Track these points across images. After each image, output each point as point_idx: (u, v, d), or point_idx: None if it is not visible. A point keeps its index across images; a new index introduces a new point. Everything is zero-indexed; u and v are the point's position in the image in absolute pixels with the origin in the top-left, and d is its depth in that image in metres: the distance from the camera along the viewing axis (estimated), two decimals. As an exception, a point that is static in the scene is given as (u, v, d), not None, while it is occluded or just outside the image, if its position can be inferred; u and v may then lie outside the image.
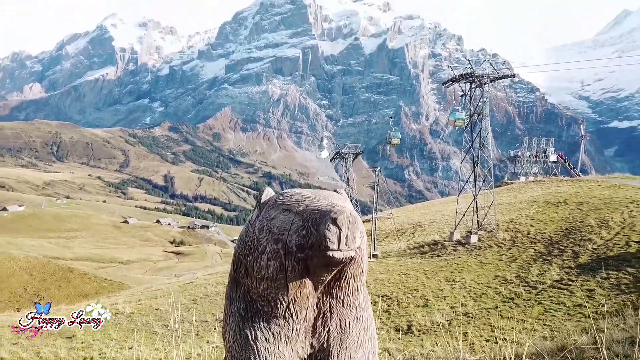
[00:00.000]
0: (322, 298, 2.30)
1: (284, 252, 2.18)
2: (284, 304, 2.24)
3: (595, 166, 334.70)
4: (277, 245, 2.19)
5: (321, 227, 2.07)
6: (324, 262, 2.12)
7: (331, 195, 2.39)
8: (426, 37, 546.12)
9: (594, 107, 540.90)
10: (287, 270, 2.19)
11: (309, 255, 2.13)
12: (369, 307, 2.46)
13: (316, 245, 2.08)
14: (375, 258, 31.43)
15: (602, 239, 23.69)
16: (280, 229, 2.22)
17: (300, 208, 2.24)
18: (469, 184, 36.03)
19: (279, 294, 2.22)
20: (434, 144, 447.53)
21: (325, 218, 2.08)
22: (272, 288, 2.22)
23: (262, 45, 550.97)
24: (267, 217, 2.31)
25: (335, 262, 2.10)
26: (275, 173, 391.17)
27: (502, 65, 45.22)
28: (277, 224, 2.24)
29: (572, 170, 63.72)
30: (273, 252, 2.20)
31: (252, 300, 2.33)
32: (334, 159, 70.81)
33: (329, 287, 2.28)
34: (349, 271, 2.26)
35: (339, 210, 2.09)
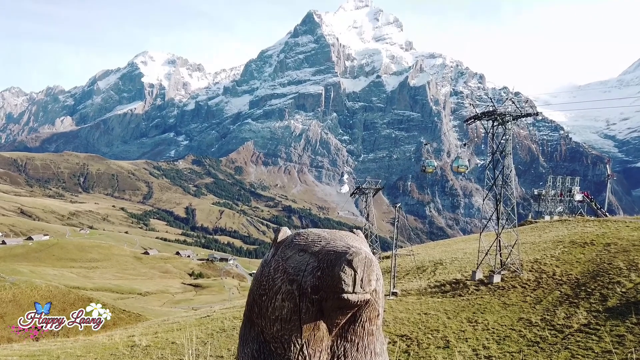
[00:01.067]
0: (337, 341, 2.25)
1: (298, 293, 2.15)
2: (298, 347, 2.21)
3: (622, 206, 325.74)
4: (292, 286, 2.17)
5: (336, 269, 2.05)
6: (339, 305, 2.08)
7: (347, 236, 2.35)
8: (448, 75, 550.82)
9: (620, 146, 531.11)
10: (301, 312, 2.16)
11: (323, 297, 2.11)
12: (384, 352, 2.41)
13: (331, 287, 2.06)
14: (395, 296, 30.80)
15: (632, 282, 22.81)
16: (295, 269, 2.21)
17: (316, 249, 2.22)
18: (491, 222, 35.42)
19: (292, 336, 2.19)
20: (456, 181, 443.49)
21: (340, 260, 2.05)
22: (286, 330, 2.19)
23: (286, 82, 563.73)
24: (282, 257, 2.31)
25: (350, 304, 2.07)
26: (295, 207, 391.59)
27: (524, 103, 45.04)
28: (292, 264, 2.23)
29: (599, 210, 62.15)
30: (287, 293, 2.18)
31: (265, 341, 2.29)
32: (354, 194, 70.83)
33: (343, 330, 2.24)
34: (364, 314, 2.22)
35: (355, 252, 2.06)
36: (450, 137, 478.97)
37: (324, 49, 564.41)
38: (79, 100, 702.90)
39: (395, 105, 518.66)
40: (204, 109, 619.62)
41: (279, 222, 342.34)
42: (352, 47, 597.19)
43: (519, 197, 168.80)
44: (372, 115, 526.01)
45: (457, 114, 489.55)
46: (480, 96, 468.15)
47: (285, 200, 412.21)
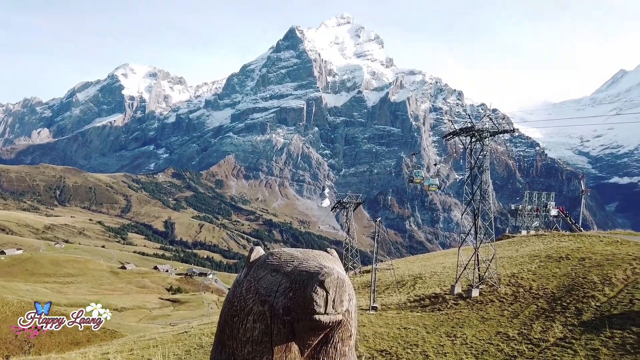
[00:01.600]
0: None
1: (270, 314, 2.11)
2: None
3: (596, 221, 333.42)
4: (264, 307, 2.13)
5: (308, 290, 2.02)
6: (311, 326, 2.06)
7: (321, 256, 2.32)
8: (427, 92, 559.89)
9: (593, 162, 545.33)
10: (272, 334, 2.12)
11: (295, 318, 2.07)
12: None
13: (303, 308, 2.03)
14: (375, 310, 30.79)
15: (606, 297, 23.29)
16: (267, 290, 2.16)
17: (289, 269, 2.19)
18: (470, 237, 35.86)
19: (263, 358, 2.15)
20: (435, 196, 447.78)
21: (312, 280, 2.03)
22: (257, 352, 2.15)
23: (268, 96, 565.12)
24: (255, 277, 2.27)
25: (322, 326, 2.05)
26: (276, 221, 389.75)
27: (501, 120, 46.09)
28: (264, 285, 2.19)
29: (574, 225, 63.47)
30: (259, 314, 2.13)
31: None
32: (335, 208, 70.98)
33: (315, 351, 2.21)
34: (337, 335, 2.19)
35: (327, 272, 2.05)
36: (429, 152, 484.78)
37: (306, 64, 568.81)
38: (56, 112, 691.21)
39: (376, 121, 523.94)
40: (185, 122, 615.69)
41: (260, 236, 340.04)
42: (334, 62, 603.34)
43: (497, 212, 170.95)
44: (353, 130, 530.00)
45: (436, 130, 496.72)
46: (459, 112, 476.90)
47: (266, 214, 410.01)
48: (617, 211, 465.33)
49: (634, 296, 22.24)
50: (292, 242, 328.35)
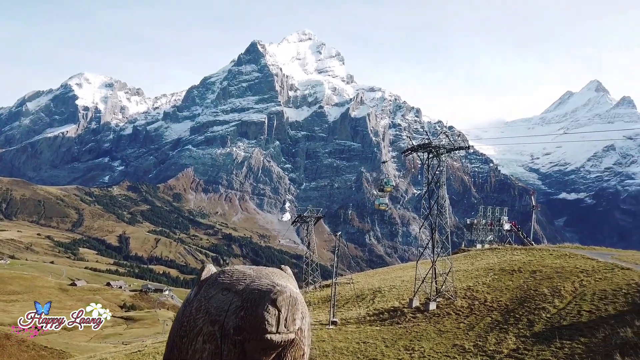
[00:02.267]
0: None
1: (220, 334, 2.06)
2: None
3: (546, 235, 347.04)
4: (214, 327, 2.07)
5: (259, 309, 1.97)
6: (262, 346, 2.00)
7: (274, 273, 2.26)
8: (387, 109, 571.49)
9: (543, 179, 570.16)
10: (222, 354, 2.07)
11: (246, 338, 2.02)
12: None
13: (254, 328, 1.97)
14: (335, 325, 30.71)
15: (556, 308, 24.19)
16: (218, 309, 2.11)
17: (240, 287, 2.12)
18: (427, 250, 36.54)
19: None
20: (394, 210, 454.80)
21: (264, 299, 1.97)
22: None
23: (229, 109, 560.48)
24: (205, 297, 2.21)
25: (273, 345, 1.99)
26: (236, 235, 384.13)
27: (457, 137, 47.63)
28: (215, 304, 2.13)
29: (525, 239, 65.86)
30: (209, 335, 2.08)
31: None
32: (296, 222, 70.76)
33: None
34: (289, 354, 2.13)
35: (279, 290, 1.99)
36: (388, 168, 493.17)
37: (268, 79, 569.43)
38: (4, 122, 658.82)
39: (337, 135, 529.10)
40: (142, 134, 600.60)
41: (219, 250, 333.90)
42: (296, 77, 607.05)
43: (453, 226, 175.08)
44: (315, 144, 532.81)
45: (395, 145, 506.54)
46: (417, 129, 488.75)
47: (225, 229, 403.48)
48: (565, 225, 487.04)
49: (581, 307, 23.20)
50: (252, 256, 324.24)
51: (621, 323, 19.71)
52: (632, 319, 19.76)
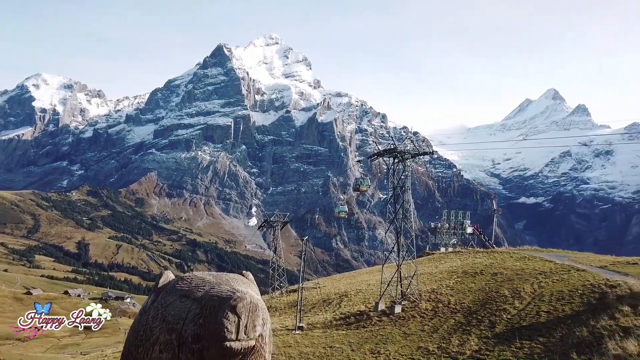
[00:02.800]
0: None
1: (177, 343, 1.99)
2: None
3: (507, 238, 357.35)
4: (171, 336, 2.00)
5: (219, 315, 1.92)
6: (222, 354, 1.95)
7: (234, 279, 2.20)
8: (353, 114, 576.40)
9: (504, 184, 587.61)
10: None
11: (205, 346, 1.95)
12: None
13: (213, 335, 1.92)
14: (301, 330, 30.58)
15: (516, 309, 24.88)
16: (175, 317, 2.04)
17: (199, 294, 2.06)
18: (393, 254, 36.94)
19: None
20: (361, 214, 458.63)
21: (223, 305, 1.93)
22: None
23: (194, 113, 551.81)
24: (162, 304, 2.13)
25: (233, 352, 1.95)
26: (201, 241, 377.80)
27: (422, 142, 48.48)
28: (172, 312, 2.06)
29: (487, 242, 67.56)
30: (166, 344, 2.01)
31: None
32: (262, 227, 70.19)
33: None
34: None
35: (239, 296, 1.95)
36: (355, 172, 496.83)
37: (234, 82, 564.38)
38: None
39: (304, 140, 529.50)
40: (103, 137, 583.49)
41: (183, 256, 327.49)
42: (262, 81, 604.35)
43: (418, 230, 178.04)
44: (281, 149, 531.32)
45: (362, 150, 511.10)
46: (382, 134, 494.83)
47: (190, 234, 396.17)
48: (525, 229, 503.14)
49: (540, 308, 23.95)
50: (218, 262, 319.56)
51: (577, 323, 20.45)
52: (587, 319, 20.53)
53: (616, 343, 16.57)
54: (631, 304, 21.16)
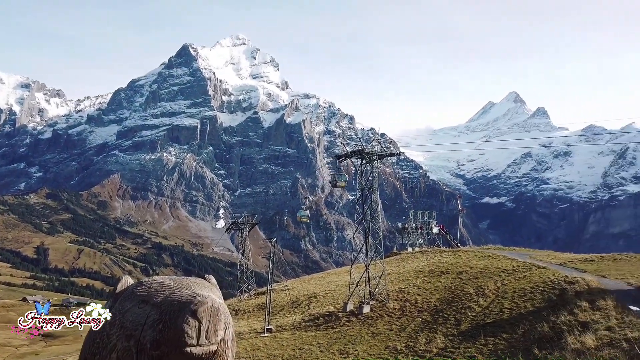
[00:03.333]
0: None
1: (136, 349, 1.95)
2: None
3: (472, 238, 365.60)
4: (129, 342, 1.96)
5: (179, 321, 1.89)
6: (182, 359, 1.91)
7: (195, 283, 2.15)
8: (321, 115, 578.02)
9: (468, 184, 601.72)
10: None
11: (165, 352, 1.92)
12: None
13: (173, 341, 1.89)
14: (270, 332, 30.41)
15: (480, 307, 25.47)
16: (134, 323, 2.00)
17: (159, 299, 2.02)
18: (361, 254, 37.21)
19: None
20: (329, 215, 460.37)
21: (184, 310, 1.90)
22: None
23: (159, 113, 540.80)
24: (120, 310, 2.10)
25: (193, 358, 1.91)
26: (167, 244, 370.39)
27: (389, 144, 49.09)
28: (130, 318, 2.03)
29: (452, 241, 68.98)
30: (124, 351, 1.96)
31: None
32: (230, 229, 69.45)
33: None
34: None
35: (200, 301, 1.92)
36: (324, 174, 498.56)
37: (200, 83, 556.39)
38: None
39: (272, 141, 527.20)
40: (63, 138, 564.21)
41: (148, 260, 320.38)
42: (229, 82, 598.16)
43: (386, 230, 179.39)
44: (249, 150, 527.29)
45: (330, 152, 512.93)
46: (350, 136, 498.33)
47: (155, 237, 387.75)
48: (488, 228, 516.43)
49: (503, 305, 24.59)
50: (184, 265, 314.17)
51: (538, 318, 21.11)
52: (548, 315, 21.22)
53: (575, 337, 17.20)
54: (589, 299, 22.01)
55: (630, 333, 16.20)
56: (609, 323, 18.36)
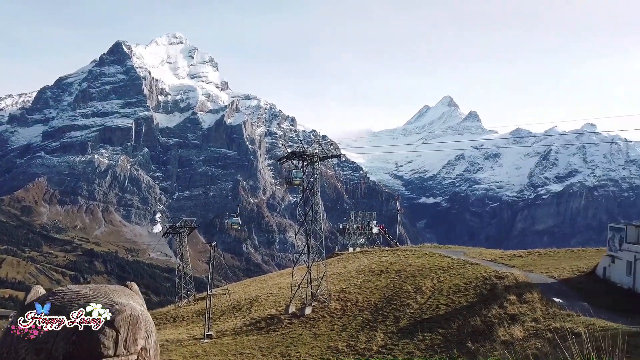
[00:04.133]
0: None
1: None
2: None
3: (410, 237, 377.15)
4: (39, 356, 1.84)
5: (94, 331, 1.81)
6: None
7: (114, 291, 2.02)
8: (262, 117, 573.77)
9: (406, 185, 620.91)
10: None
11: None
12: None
13: (88, 353, 1.79)
14: (210, 339, 29.71)
15: (418, 304, 26.29)
16: (45, 335, 1.90)
17: (73, 309, 1.94)
18: (303, 256, 37.28)
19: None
20: (271, 217, 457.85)
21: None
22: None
23: (89, 113, 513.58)
24: None
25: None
26: (99, 250, 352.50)
27: (330, 145, 49.58)
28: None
29: (392, 240, 70.86)
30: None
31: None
32: (167, 233, 67.22)
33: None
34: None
35: (118, 309, 1.84)
36: (265, 176, 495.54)
37: (135, 82, 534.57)
38: None
39: (212, 143, 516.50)
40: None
41: (79, 268, 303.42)
42: (166, 82, 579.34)
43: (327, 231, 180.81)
44: (188, 152, 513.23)
45: (271, 154, 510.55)
46: (292, 138, 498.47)
47: (86, 244, 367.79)
48: (425, 227, 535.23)
49: (439, 301, 25.53)
50: (119, 272, 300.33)
51: (472, 313, 22.10)
52: (480, 309, 22.27)
53: (505, 330, 18.16)
54: (517, 293, 23.35)
55: (553, 323, 17.34)
56: (535, 315, 19.56)
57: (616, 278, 29.12)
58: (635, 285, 27.16)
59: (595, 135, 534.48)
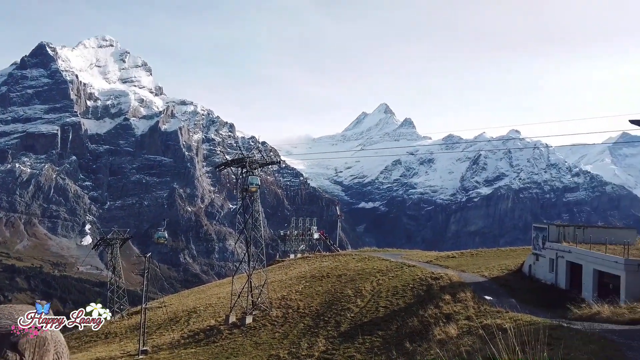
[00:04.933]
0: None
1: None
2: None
3: (350, 241, 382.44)
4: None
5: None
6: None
7: (21, 311, 1.81)
8: (200, 123, 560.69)
9: (346, 190, 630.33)
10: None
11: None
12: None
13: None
14: (145, 354, 28.47)
15: (358, 307, 26.65)
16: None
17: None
18: (244, 264, 36.70)
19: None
20: (210, 226, 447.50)
21: (2, 343, 1.65)
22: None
23: (10, 119, 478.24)
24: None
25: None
26: (21, 266, 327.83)
27: (270, 152, 49.38)
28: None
29: (332, 246, 71.55)
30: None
31: None
32: (98, 245, 63.86)
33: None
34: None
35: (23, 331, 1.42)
36: (203, 183, 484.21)
37: (60, 86, 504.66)
38: None
39: (146, 150, 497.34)
40: None
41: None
42: (95, 86, 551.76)
43: (268, 239, 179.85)
44: (120, 159, 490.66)
45: (209, 161, 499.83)
46: (231, 144, 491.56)
47: (7, 259, 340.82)
48: (365, 231, 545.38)
49: (379, 304, 26.02)
50: (44, 289, 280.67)
51: (409, 314, 22.71)
52: (417, 310, 22.93)
53: (440, 329, 18.81)
54: (451, 292, 24.28)
55: (485, 320, 18.19)
56: (468, 313, 20.43)
57: (540, 275, 31.16)
58: (557, 281, 29.20)
59: (519, 141, 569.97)
